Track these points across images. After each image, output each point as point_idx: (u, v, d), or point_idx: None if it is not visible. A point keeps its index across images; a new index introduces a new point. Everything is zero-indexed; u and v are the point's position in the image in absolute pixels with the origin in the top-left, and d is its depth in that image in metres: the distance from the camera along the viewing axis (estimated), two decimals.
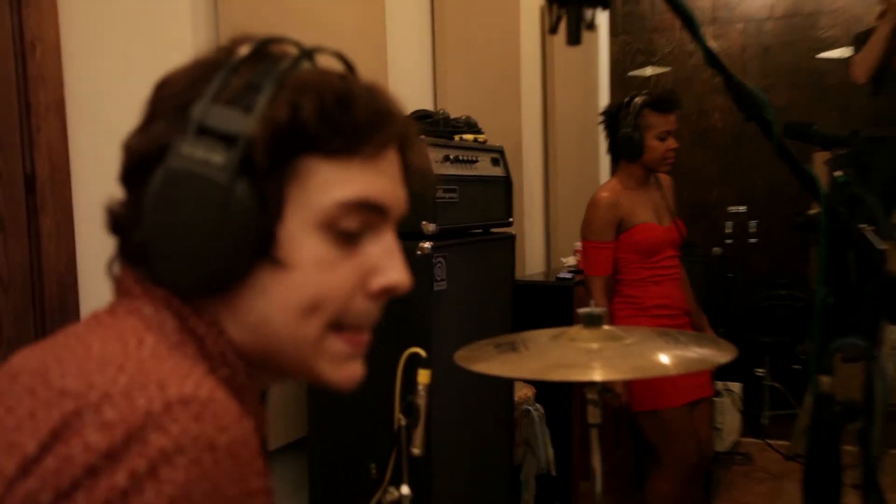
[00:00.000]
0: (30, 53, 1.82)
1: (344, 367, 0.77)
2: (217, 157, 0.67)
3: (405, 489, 1.38)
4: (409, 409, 1.38)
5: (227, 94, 0.70)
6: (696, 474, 3.08)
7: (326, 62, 0.80)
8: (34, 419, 0.60)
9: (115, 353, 0.65)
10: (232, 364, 0.73)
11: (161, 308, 0.71)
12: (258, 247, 0.70)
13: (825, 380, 1.30)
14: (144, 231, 0.70)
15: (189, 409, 0.61)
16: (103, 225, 0.78)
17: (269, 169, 0.69)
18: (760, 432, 4.93)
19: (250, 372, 0.75)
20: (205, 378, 0.66)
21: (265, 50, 0.74)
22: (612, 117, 3.04)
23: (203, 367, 0.70)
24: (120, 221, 0.75)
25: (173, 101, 0.72)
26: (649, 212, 3.00)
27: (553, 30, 1.12)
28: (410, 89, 3.34)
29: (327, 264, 0.72)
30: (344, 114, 0.72)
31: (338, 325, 0.75)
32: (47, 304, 1.88)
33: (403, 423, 1.40)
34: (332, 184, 0.72)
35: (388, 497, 1.40)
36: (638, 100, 2.98)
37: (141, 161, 0.71)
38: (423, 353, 1.36)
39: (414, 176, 0.81)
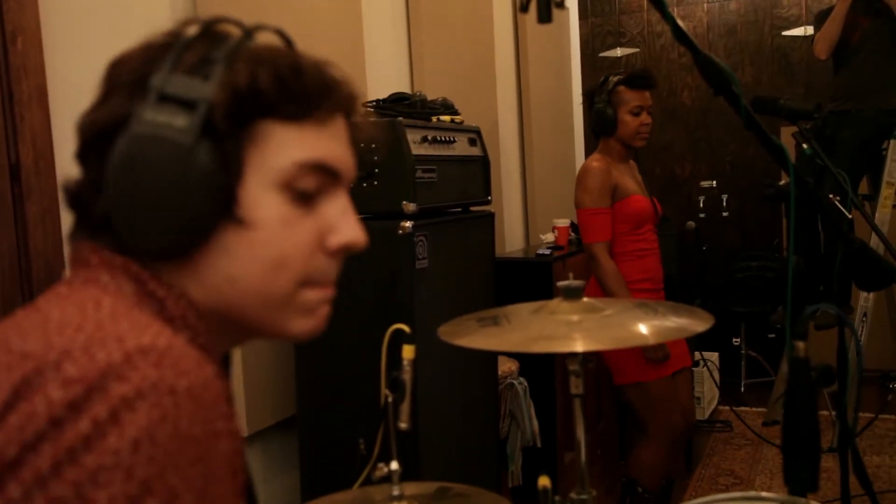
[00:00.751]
0: (11, 44, 1.84)
1: (311, 318, 0.80)
2: (179, 120, 0.70)
3: (394, 465, 1.41)
4: (395, 385, 1.41)
5: (183, 66, 0.73)
6: (680, 442, 3.16)
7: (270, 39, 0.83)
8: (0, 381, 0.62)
9: (73, 317, 0.67)
10: (193, 325, 0.75)
11: (118, 274, 0.73)
12: (221, 207, 0.72)
13: (801, 345, 1.33)
14: (108, 199, 0.72)
15: (148, 358, 0.62)
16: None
17: (228, 132, 0.72)
18: (738, 400, 5.04)
19: (212, 335, 0.77)
20: (163, 329, 0.68)
21: (213, 29, 0.78)
22: (591, 96, 3.11)
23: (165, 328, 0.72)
24: (78, 196, 0.77)
25: (129, 76, 0.75)
26: (635, 184, 3.07)
27: (524, 8, 1.16)
28: (387, 73, 3.37)
29: (287, 222, 0.76)
30: (297, 81, 0.76)
31: (304, 281, 0.78)
32: (35, 289, 1.90)
33: (390, 398, 1.43)
34: (288, 146, 0.75)
35: (378, 473, 1.43)
36: (613, 77, 3.05)
37: (100, 133, 0.73)
38: (406, 328, 1.39)
39: (360, 141, 0.85)
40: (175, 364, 0.63)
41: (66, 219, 1.99)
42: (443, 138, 2.58)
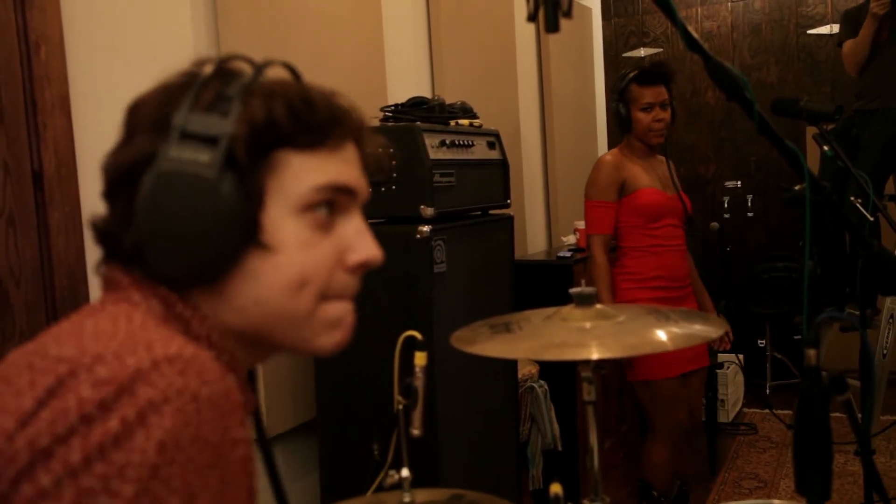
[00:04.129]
0: (35, 53, 1.87)
1: (334, 332, 0.85)
2: (203, 156, 0.75)
3: (405, 472, 1.42)
4: (408, 391, 1.42)
5: (201, 104, 0.78)
6: (683, 441, 3.15)
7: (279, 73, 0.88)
8: (33, 384, 0.67)
9: (106, 327, 0.72)
10: (216, 345, 0.79)
11: (148, 295, 0.78)
12: (245, 234, 0.77)
13: (812, 352, 1.32)
14: (139, 232, 0.76)
15: (174, 366, 0.67)
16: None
17: (249, 164, 0.77)
18: (764, 402, 5.00)
19: (238, 352, 0.82)
20: (189, 342, 0.73)
21: (226, 67, 0.82)
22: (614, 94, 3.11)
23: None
24: (107, 231, 0.82)
25: (149, 118, 0.80)
26: (652, 179, 3.05)
27: (532, 18, 1.16)
28: (408, 77, 3.38)
29: (308, 244, 0.80)
30: (309, 113, 0.80)
31: (325, 297, 0.83)
32: (58, 296, 1.93)
33: (402, 405, 1.44)
34: (304, 172, 0.80)
35: (389, 480, 1.44)
36: (630, 74, 3.04)
37: (127, 172, 0.78)
38: (418, 335, 1.40)
39: (371, 164, 0.90)
40: (199, 373, 0.68)
41: (88, 225, 2.03)
42: (461, 142, 2.58)
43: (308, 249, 0.80)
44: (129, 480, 0.62)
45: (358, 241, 0.84)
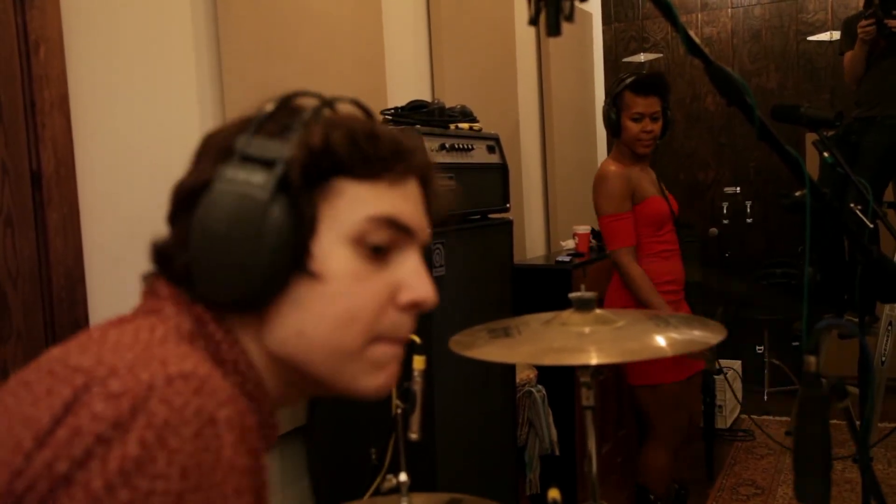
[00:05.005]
0: (34, 53, 1.86)
1: (379, 375, 0.82)
2: (257, 177, 0.74)
3: (403, 476, 1.42)
4: (406, 395, 1.42)
5: (265, 132, 0.78)
6: (683, 444, 3.14)
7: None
8: (49, 395, 0.66)
9: (127, 338, 0.71)
10: (243, 373, 0.77)
11: (182, 310, 0.77)
12: (295, 261, 0.75)
13: (811, 359, 1.31)
14: (190, 252, 0.75)
15: (189, 384, 0.65)
16: (109, 218, 0.84)
17: (303, 188, 0.76)
18: (761, 408, 4.99)
19: (270, 384, 0.80)
20: (204, 361, 0.71)
21: (293, 101, 0.82)
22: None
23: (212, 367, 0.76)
24: (165, 251, 0.81)
25: (218, 144, 0.79)
26: (653, 186, 3.05)
27: (533, 21, 1.16)
28: (408, 80, 3.37)
29: (359, 277, 0.78)
30: (370, 143, 0.79)
31: (375, 336, 0.80)
32: (55, 297, 1.92)
33: (400, 408, 1.43)
34: (360, 202, 0.78)
35: (386, 484, 1.44)
36: (627, 80, 3.03)
37: (189, 194, 0.77)
38: (417, 339, 1.40)
39: (435, 209, 0.88)
40: (214, 393, 0.67)
41: (87, 227, 2.02)
42: (461, 146, 2.58)
43: (359, 282, 0.78)
44: None
45: (413, 280, 0.81)
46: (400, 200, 0.81)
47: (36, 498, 0.62)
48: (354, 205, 0.78)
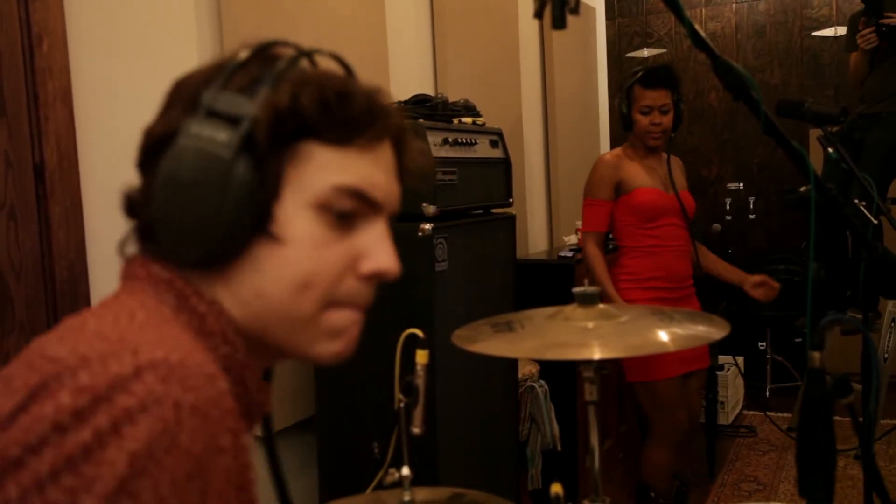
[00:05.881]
0: (37, 46, 1.86)
1: (335, 341, 0.81)
2: (222, 134, 0.72)
3: (405, 470, 1.41)
4: (408, 390, 1.42)
5: (234, 84, 0.75)
6: (683, 442, 3.13)
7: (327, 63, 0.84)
8: (25, 385, 0.64)
9: (105, 326, 0.70)
10: (232, 342, 0.76)
11: (163, 290, 0.76)
12: (256, 222, 0.74)
13: (816, 355, 1.31)
14: (153, 208, 0.74)
15: (156, 372, 0.64)
16: (111, 210, 0.83)
17: (269, 149, 0.74)
18: (763, 405, 4.99)
19: (251, 350, 0.79)
20: (184, 345, 0.70)
21: (268, 51, 0.79)
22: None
23: (201, 343, 0.74)
24: (134, 204, 0.80)
25: (187, 91, 0.77)
26: (651, 178, 3.04)
27: (538, 14, 1.16)
28: (411, 74, 3.37)
29: (320, 243, 0.77)
30: (341, 106, 0.77)
31: (332, 303, 0.79)
32: (58, 290, 1.93)
33: (403, 403, 1.43)
34: (328, 168, 0.77)
35: (389, 478, 1.44)
36: (638, 74, 3.03)
37: (155, 143, 0.76)
38: (420, 333, 1.40)
39: (409, 172, 0.86)
40: (183, 379, 0.65)
41: (90, 219, 2.02)
42: (464, 140, 2.58)
43: (319, 248, 0.77)
44: (96, 495, 0.59)
45: (375, 249, 0.80)
46: (370, 168, 0.79)
47: None
48: (321, 171, 0.76)
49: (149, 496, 0.60)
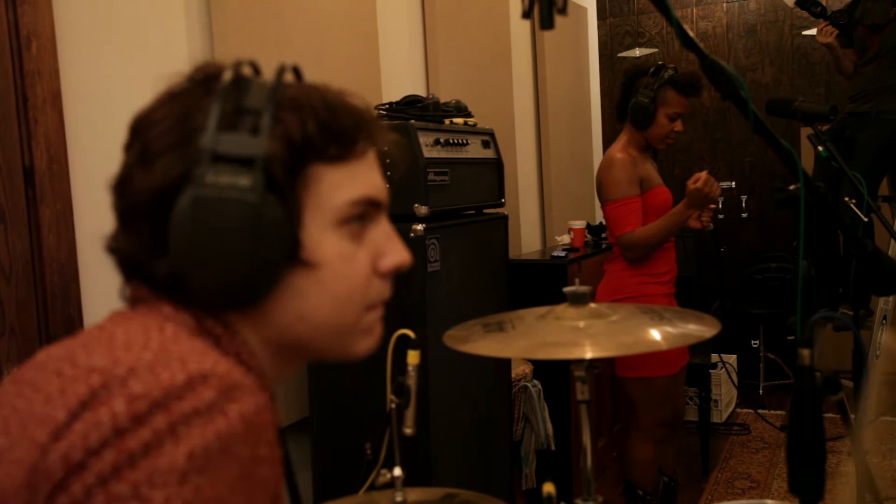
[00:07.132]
0: (26, 48, 1.86)
1: (369, 338, 0.87)
2: (242, 180, 0.72)
3: (397, 471, 1.42)
4: (400, 390, 1.42)
5: (223, 121, 0.75)
6: (667, 437, 3.13)
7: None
8: (64, 394, 0.67)
9: (138, 336, 0.71)
10: (245, 362, 0.78)
11: (180, 309, 0.77)
12: (288, 254, 0.76)
13: (805, 352, 1.31)
14: (176, 261, 0.74)
15: (207, 382, 0.67)
16: (102, 213, 0.82)
17: (286, 182, 0.75)
18: (757, 403, 5.00)
19: (269, 368, 0.82)
20: (222, 357, 0.72)
21: (239, 75, 0.79)
22: (633, 80, 3.02)
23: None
24: (132, 259, 0.79)
25: (168, 137, 0.76)
26: (659, 176, 3.05)
27: (526, 14, 1.16)
28: (403, 75, 3.37)
29: (348, 256, 0.81)
30: (334, 122, 0.79)
31: (367, 306, 0.84)
32: (49, 294, 1.92)
33: (394, 404, 1.43)
34: (340, 186, 0.79)
35: (381, 479, 1.44)
36: (666, 73, 2.94)
37: (155, 198, 0.75)
38: (411, 334, 1.40)
39: (389, 164, 0.90)
40: (232, 390, 0.68)
41: (81, 223, 2.01)
42: (455, 141, 2.58)
43: (349, 262, 0.81)
44: (158, 486, 0.62)
45: (388, 247, 0.85)
46: (369, 172, 0.83)
47: (50, 485, 0.63)
48: (334, 190, 0.79)
49: (208, 492, 0.63)
